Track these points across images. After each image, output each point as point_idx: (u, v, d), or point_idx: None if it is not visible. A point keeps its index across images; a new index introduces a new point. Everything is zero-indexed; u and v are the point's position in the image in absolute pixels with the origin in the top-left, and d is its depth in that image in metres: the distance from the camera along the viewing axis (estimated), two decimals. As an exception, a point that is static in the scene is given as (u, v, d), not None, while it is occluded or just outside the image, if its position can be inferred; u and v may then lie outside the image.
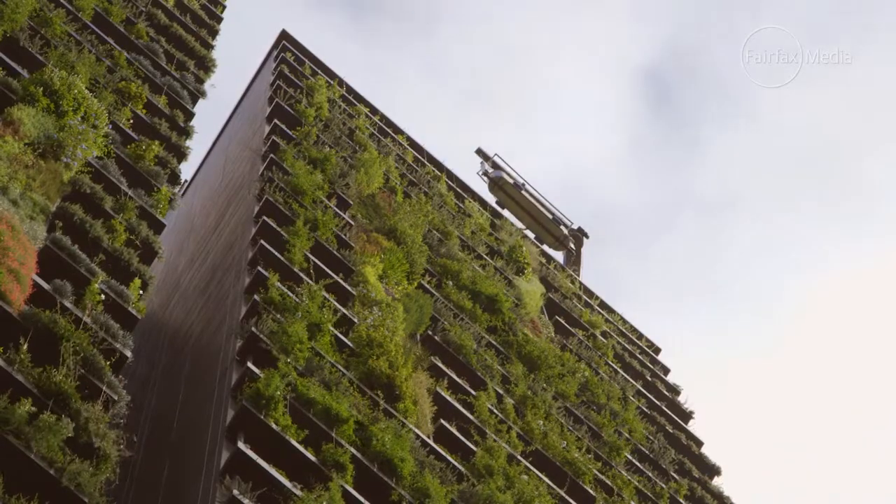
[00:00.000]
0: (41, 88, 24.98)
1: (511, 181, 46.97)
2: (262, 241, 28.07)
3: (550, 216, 47.54)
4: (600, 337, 40.93)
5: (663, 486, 33.36)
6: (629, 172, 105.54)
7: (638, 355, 42.64)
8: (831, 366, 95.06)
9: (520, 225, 46.43)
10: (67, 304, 20.55)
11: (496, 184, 46.72)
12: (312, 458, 21.83)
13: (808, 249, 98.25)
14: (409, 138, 43.93)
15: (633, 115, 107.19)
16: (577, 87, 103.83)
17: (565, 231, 47.70)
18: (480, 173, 47.12)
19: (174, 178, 28.82)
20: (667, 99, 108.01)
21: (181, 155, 29.71)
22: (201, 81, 34.24)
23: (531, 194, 47.10)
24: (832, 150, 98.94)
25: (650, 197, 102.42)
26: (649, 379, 41.11)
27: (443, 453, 25.54)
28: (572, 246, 47.98)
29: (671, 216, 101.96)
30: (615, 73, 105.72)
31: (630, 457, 33.40)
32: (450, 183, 43.36)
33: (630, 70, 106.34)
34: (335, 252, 29.99)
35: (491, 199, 46.15)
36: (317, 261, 28.80)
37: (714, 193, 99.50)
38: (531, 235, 46.80)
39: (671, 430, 38.14)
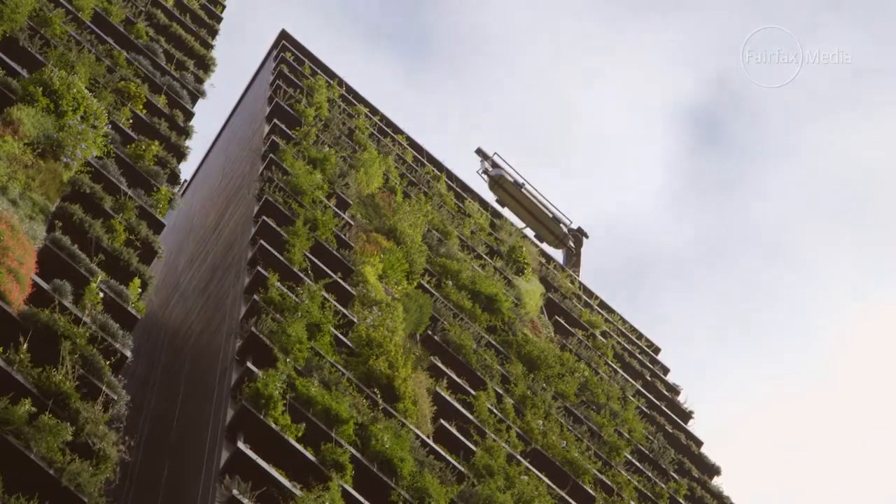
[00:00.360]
0: (41, 88, 24.98)
1: (511, 179, 46.98)
2: (262, 241, 28.07)
3: (550, 214, 47.54)
4: (600, 337, 40.93)
5: (663, 485, 33.36)
6: (675, 211, 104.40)
7: (637, 355, 42.64)
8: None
9: (520, 223, 46.44)
10: (67, 303, 20.54)
11: (496, 182, 46.72)
12: (312, 457, 21.83)
13: (849, 286, 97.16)
14: (408, 138, 43.92)
15: (678, 153, 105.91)
16: (620, 126, 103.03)
17: (565, 230, 47.70)
18: (480, 172, 47.12)
19: (174, 178, 28.82)
20: (713, 136, 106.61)
21: (181, 155, 29.70)
22: (201, 81, 34.25)
23: (531, 193, 47.11)
24: (881, 186, 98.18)
25: (696, 235, 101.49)
26: (649, 379, 41.11)
27: (442, 453, 25.53)
28: (572, 244, 47.97)
29: (719, 253, 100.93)
30: (660, 111, 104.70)
31: (630, 456, 33.40)
32: (449, 183, 43.36)
33: (675, 107, 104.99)
34: (335, 252, 29.99)
35: (491, 197, 46.16)
36: (316, 261, 28.80)
37: (761, 230, 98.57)
38: (531, 234, 46.80)
39: (671, 430, 38.14)
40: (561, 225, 47.70)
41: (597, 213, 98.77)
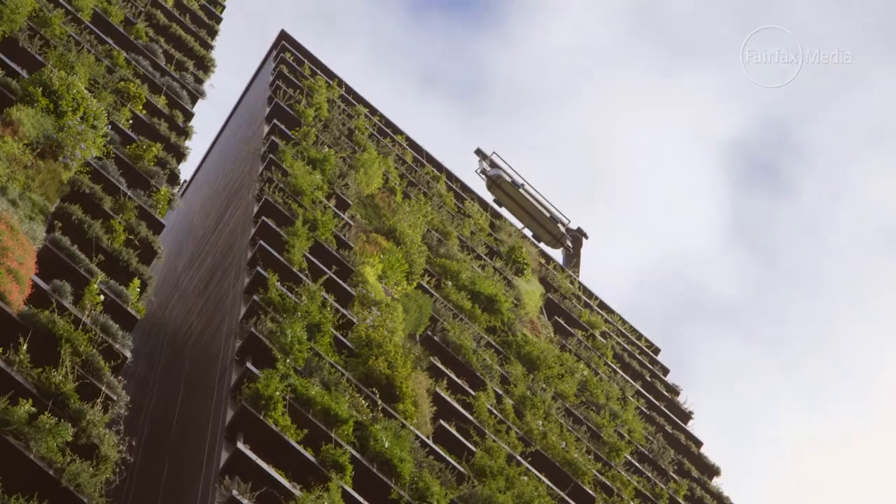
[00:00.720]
0: (40, 89, 24.99)
1: (509, 179, 46.98)
2: (262, 242, 28.08)
3: (548, 214, 47.55)
4: (599, 337, 40.93)
5: (663, 486, 33.37)
6: (724, 250, 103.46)
7: (637, 355, 42.64)
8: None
9: (517, 223, 46.45)
10: (67, 304, 20.54)
11: (494, 182, 46.73)
12: (312, 458, 21.83)
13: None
14: (408, 138, 43.91)
15: (726, 193, 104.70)
16: (666, 165, 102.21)
17: (563, 229, 47.71)
18: (478, 171, 47.12)
19: (173, 179, 28.83)
20: (760, 174, 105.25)
21: (180, 155, 29.71)
22: (200, 82, 34.26)
23: (529, 193, 47.11)
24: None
25: (744, 273, 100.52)
26: (648, 379, 41.11)
27: (442, 454, 25.53)
28: (569, 244, 47.97)
29: (767, 293, 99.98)
30: (707, 151, 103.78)
31: (629, 457, 33.40)
32: (449, 183, 43.36)
33: (721, 144, 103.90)
34: (334, 252, 30.00)
35: (490, 198, 46.16)
36: (316, 261, 28.80)
37: (810, 268, 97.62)
38: (529, 234, 46.80)
39: (670, 431, 38.15)
40: (559, 225, 47.69)
41: (646, 255, 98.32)
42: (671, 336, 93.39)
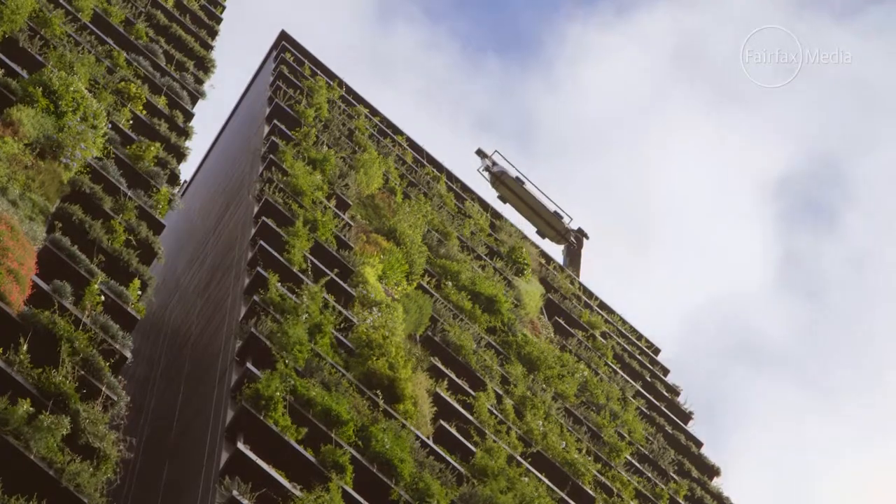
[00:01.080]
0: (40, 89, 24.99)
1: (512, 176, 47.01)
2: (262, 242, 28.07)
3: (551, 210, 47.58)
4: (600, 337, 40.92)
5: (663, 486, 33.36)
6: (773, 291, 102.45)
7: (637, 356, 42.63)
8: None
9: (522, 219, 46.53)
10: (67, 304, 20.55)
11: (498, 179, 46.77)
12: (312, 458, 21.83)
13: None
14: (408, 139, 43.89)
15: (773, 231, 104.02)
16: (713, 205, 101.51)
17: (566, 225, 47.75)
18: (481, 169, 47.15)
19: (173, 179, 28.83)
20: (807, 212, 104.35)
21: (180, 155, 29.72)
22: (201, 82, 34.26)
23: (532, 190, 47.17)
24: None
25: (796, 316, 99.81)
26: (648, 379, 41.09)
27: (443, 454, 25.53)
28: (573, 239, 47.98)
29: (820, 334, 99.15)
30: (752, 186, 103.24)
31: (630, 457, 33.39)
32: (449, 184, 43.35)
33: (768, 182, 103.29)
34: (335, 253, 29.99)
35: (491, 196, 46.18)
36: (316, 261, 28.79)
37: (858, 308, 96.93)
38: (531, 232, 46.84)
39: (670, 431, 38.13)
40: (562, 220, 47.75)
41: (695, 295, 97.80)
42: (719, 377, 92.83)
